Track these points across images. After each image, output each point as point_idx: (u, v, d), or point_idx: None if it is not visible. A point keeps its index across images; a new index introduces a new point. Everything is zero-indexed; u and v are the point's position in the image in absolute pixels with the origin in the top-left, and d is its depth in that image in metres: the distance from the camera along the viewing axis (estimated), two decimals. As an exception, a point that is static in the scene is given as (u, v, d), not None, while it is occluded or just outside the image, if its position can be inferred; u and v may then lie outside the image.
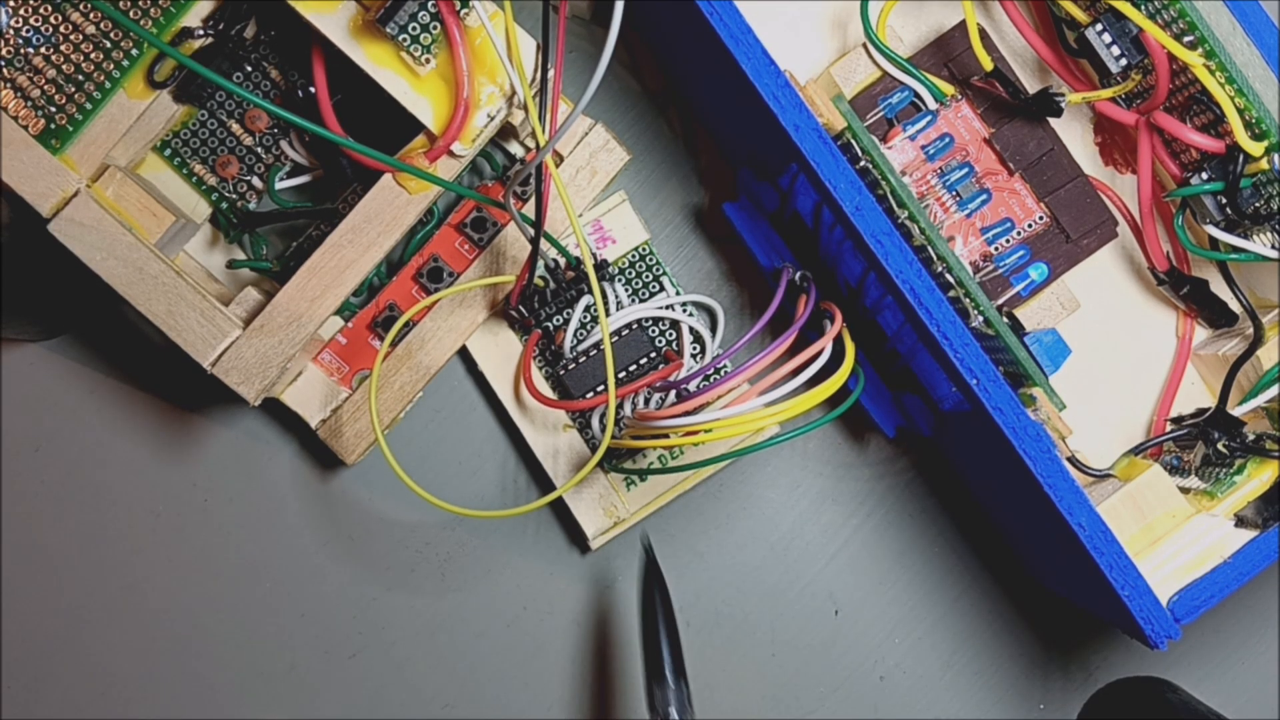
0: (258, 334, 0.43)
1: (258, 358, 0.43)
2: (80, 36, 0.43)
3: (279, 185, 0.47)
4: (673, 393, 0.46)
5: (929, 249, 0.44)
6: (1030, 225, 0.47)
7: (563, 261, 0.45)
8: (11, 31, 0.43)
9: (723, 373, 0.48)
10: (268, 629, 0.49)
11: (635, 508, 0.48)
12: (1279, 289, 0.46)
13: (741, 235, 0.48)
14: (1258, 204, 0.43)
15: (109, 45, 0.43)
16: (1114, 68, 0.43)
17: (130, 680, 0.49)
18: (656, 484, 0.48)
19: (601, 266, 0.46)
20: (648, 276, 0.49)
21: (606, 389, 0.43)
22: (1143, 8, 0.42)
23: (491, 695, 0.49)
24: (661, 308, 0.48)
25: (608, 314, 0.47)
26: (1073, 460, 0.45)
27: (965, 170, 0.47)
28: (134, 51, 0.44)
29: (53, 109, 0.43)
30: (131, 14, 0.43)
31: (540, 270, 0.45)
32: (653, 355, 0.47)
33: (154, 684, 0.49)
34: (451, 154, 0.42)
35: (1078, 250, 0.47)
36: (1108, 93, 0.44)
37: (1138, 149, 0.45)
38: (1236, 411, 0.45)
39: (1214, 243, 0.44)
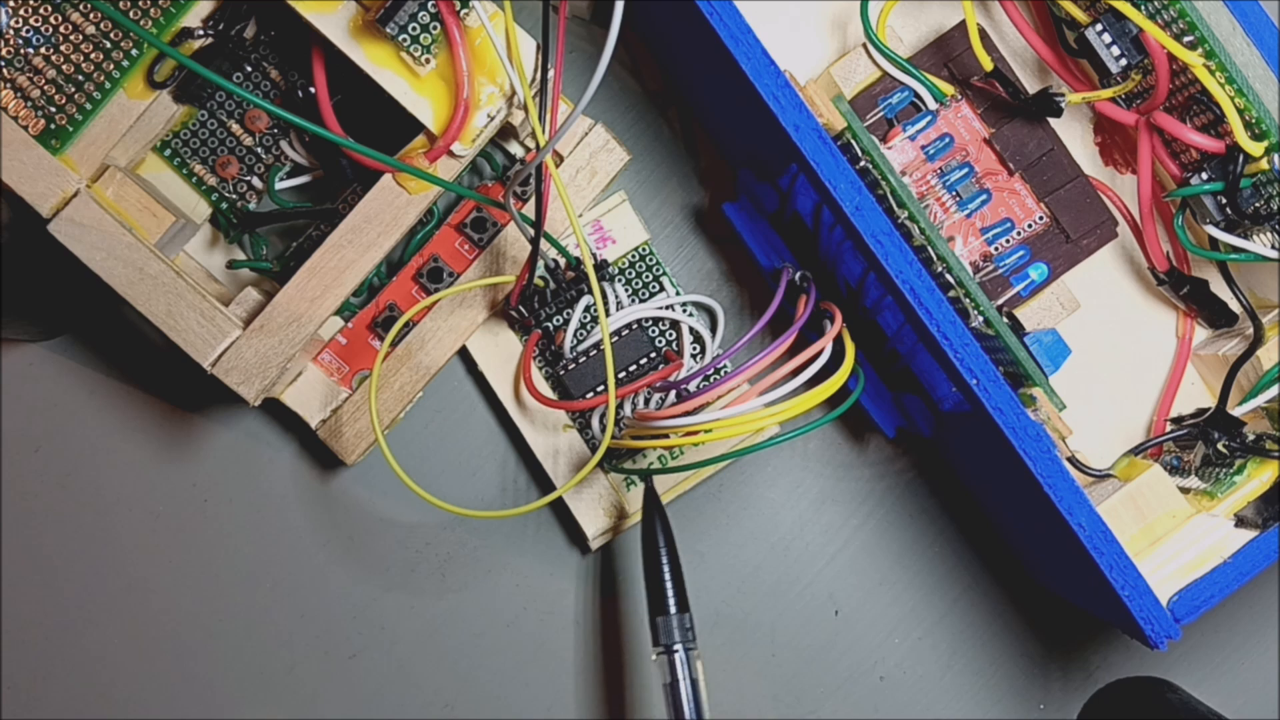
0: (258, 334, 0.43)
1: (258, 358, 0.43)
2: (80, 36, 0.43)
3: (279, 185, 0.47)
4: (673, 393, 0.46)
5: (929, 249, 0.44)
6: (1030, 225, 0.47)
7: (563, 261, 0.45)
8: (11, 31, 0.43)
9: (723, 373, 0.48)
10: (268, 629, 0.49)
11: (635, 508, 0.47)
12: (1279, 289, 0.46)
13: (741, 235, 0.48)
14: (1258, 204, 0.43)
15: (109, 45, 0.43)
16: (1114, 68, 0.43)
17: (130, 680, 0.49)
18: (656, 484, 0.48)
19: (601, 266, 0.46)
20: (648, 276, 0.49)
21: (606, 389, 0.43)
22: (1143, 8, 0.42)
23: (491, 695, 0.49)
24: (661, 308, 0.48)
25: (608, 314, 0.47)
26: (1073, 460, 0.45)
27: (965, 170, 0.47)
28: (134, 51, 0.44)
29: (53, 109, 0.43)
30: (131, 14, 0.43)
31: (540, 270, 0.45)
32: (653, 355, 0.47)
33: (154, 684, 0.49)
34: (451, 154, 0.42)
35: (1078, 250, 0.47)
36: (1108, 93, 0.44)
37: (1138, 149, 0.45)
38: (1236, 411, 0.45)
39: (1214, 243, 0.44)
